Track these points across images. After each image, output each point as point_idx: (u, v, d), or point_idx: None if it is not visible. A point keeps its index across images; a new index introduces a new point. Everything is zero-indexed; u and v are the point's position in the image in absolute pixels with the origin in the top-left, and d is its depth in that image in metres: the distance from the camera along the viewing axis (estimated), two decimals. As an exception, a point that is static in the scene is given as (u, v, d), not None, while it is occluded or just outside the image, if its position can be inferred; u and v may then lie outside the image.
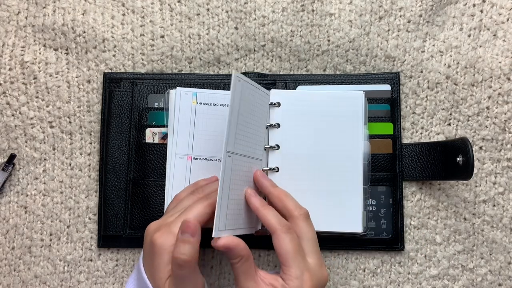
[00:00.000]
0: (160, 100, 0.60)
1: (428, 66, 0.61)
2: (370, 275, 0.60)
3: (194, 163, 0.57)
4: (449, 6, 0.62)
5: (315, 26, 0.62)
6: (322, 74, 0.62)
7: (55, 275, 0.60)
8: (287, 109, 0.57)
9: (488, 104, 0.61)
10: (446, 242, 0.60)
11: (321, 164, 0.57)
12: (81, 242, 0.60)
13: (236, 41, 0.62)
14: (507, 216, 0.60)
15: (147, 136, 0.59)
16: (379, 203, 0.58)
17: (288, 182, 0.56)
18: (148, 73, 0.62)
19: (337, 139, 0.57)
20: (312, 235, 0.49)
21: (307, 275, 0.46)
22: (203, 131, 0.58)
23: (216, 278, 0.60)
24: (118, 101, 0.60)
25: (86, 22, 0.62)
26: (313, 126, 0.57)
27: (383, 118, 0.59)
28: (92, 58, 0.62)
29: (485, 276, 0.60)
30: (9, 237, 0.61)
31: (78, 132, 0.62)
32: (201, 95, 0.58)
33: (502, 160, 0.61)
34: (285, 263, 0.46)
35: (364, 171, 0.56)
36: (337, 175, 0.56)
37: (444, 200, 0.60)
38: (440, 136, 0.61)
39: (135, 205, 0.58)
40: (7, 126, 0.62)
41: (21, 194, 0.61)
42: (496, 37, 0.62)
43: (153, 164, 0.58)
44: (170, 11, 0.63)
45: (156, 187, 0.58)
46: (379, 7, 0.62)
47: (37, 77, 0.62)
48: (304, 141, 0.57)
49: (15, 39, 0.62)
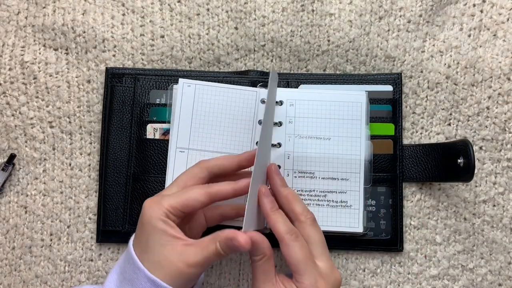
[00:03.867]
0: (162, 96, 0.60)
1: (428, 66, 0.61)
2: (370, 275, 0.60)
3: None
4: (449, 6, 0.62)
5: (315, 26, 0.62)
6: (324, 73, 0.62)
7: (55, 275, 0.60)
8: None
9: (488, 104, 0.61)
10: (446, 242, 0.60)
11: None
12: (82, 242, 0.60)
13: (236, 41, 0.62)
14: (507, 216, 0.60)
15: (148, 131, 0.59)
16: (379, 203, 0.58)
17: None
18: (150, 69, 0.62)
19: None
20: (320, 238, 0.49)
21: (321, 282, 0.46)
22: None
23: (216, 278, 0.60)
24: (119, 97, 0.60)
25: (86, 22, 0.62)
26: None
27: (384, 118, 0.59)
28: (92, 58, 0.62)
29: (485, 276, 0.60)
30: (10, 237, 0.61)
31: (78, 132, 0.62)
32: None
33: (502, 160, 0.61)
34: (297, 272, 0.46)
35: (365, 171, 0.57)
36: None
37: (444, 200, 0.60)
38: (440, 136, 0.61)
39: (134, 200, 0.58)
40: (7, 126, 0.61)
41: (21, 194, 0.61)
42: (496, 37, 0.62)
43: (154, 160, 0.58)
44: (170, 11, 0.63)
45: (156, 183, 0.58)
46: (379, 7, 0.62)
47: (37, 77, 0.62)
48: (305, 140, 0.57)
49: (15, 39, 0.62)
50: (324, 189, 0.57)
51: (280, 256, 0.60)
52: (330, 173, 0.57)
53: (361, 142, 0.57)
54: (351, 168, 0.57)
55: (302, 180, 0.57)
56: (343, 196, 0.56)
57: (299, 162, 0.57)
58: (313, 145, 0.57)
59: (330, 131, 0.57)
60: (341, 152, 0.57)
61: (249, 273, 0.60)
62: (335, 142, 0.57)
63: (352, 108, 0.57)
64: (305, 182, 0.57)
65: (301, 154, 0.57)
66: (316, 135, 0.57)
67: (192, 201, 0.46)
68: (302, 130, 0.57)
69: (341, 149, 0.57)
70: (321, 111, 0.58)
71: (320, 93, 0.58)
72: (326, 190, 0.57)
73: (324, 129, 0.57)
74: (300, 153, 0.57)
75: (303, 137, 0.57)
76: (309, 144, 0.57)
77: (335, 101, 0.58)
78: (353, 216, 0.56)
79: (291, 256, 0.46)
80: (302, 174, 0.57)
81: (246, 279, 0.60)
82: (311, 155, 0.57)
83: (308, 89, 0.59)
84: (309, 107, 0.58)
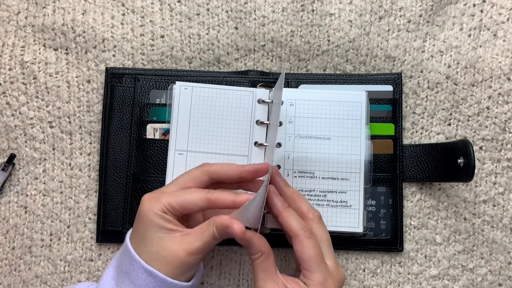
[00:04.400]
0: (162, 96, 0.60)
1: (428, 66, 0.61)
2: (370, 275, 0.60)
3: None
4: (449, 6, 0.62)
5: (315, 26, 0.62)
6: (324, 73, 0.62)
7: (55, 275, 0.60)
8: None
9: (488, 104, 0.61)
10: (446, 242, 0.60)
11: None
12: (81, 242, 0.60)
13: (236, 41, 0.62)
14: (507, 216, 0.60)
15: (148, 131, 0.59)
16: (379, 203, 0.58)
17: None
18: (150, 68, 0.62)
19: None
20: (326, 236, 0.49)
21: (330, 281, 0.46)
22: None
23: (216, 278, 0.60)
24: (119, 96, 0.60)
25: (86, 22, 0.62)
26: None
27: (384, 118, 0.59)
28: (92, 58, 0.62)
29: (485, 276, 0.60)
30: (9, 237, 0.61)
31: (78, 132, 0.62)
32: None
33: (502, 160, 0.61)
34: (307, 268, 0.46)
35: (365, 171, 0.57)
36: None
37: (444, 200, 0.60)
38: (440, 136, 0.61)
39: (134, 200, 0.58)
40: (7, 126, 0.61)
41: (21, 194, 0.61)
42: (496, 37, 0.62)
43: (154, 160, 0.58)
44: (170, 11, 0.63)
45: (156, 183, 0.58)
46: (379, 7, 0.62)
47: (37, 77, 0.62)
48: (305, 140, 0.57)
49: (15, 39, 0.62)
50: (324, 189, 0.57)
51: (280, 257, 0.60)
52: (330, 173, 0.57)
53: (361, 142, 0.57)
54: (351, 168, 0.57)
55: (302, 180, 0.57)
56: (343, 196, 0.56)
57: (299, 162, 0.57)
58: (313, 145, 0.57)
59: (330, 131, 0.57)
60: (341, 152, 0.57)
61: (249, 273, 0.60)
62: (335, 142, 0.57)
63: (352, 108, 0.57)
64: (305, 182, 0.57)
65: (301, 154, 0.57)
66: (316, 135, 0.57)
67: (190, 204, 0.46)
68: (302, 130, 0.57)
69: (341, 149, 0.57)
70: (321, 111, 0.58)
71: (320, 93, 0.58)
72: (326, 190, 0.57)
73: (324, 129, 0.57)
74: (300, 153, 0.57)
75: (303, 137, 0.57)
76: (309, 144, 0.57)
77: (335, 101, 0.58)
78: (353, 216, 0.56)
79: (304, 253, 0.46)
80: (302, 174, 0.57)
81: (246, 279, 0.60)
82: (311, 155, 0.57)
83: (308, 89, 0.59)
84: (309, 107, 0.58)
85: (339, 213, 0.56)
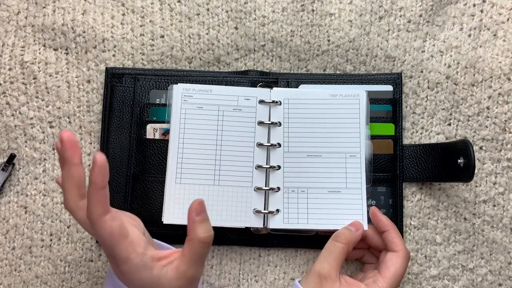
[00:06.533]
0: (162, 96, 0.60)
1: (428, 66, 0.61)
2: (370, 275, 0.60)
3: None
4: (449, 6, 0.62)
5: (315, 26, 0.62)
6: (324, 73, 0.62)
7: (55, 275, 0.60)
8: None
9: (488, 104, 0.61)
10: (446, 242, 0.60)
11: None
12: (82, 242, 0.60)
13: (236, 41, 0.62)
14: (507, 216, 0.60)
15: (148, 132, 0.59)
16: (379, 203, 0.58)
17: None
18: (150, 69, 0.62)
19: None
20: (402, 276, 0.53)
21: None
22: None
23: (216, 278, 0.60)
24: (119, 96, 0.60)
25: (86, 22, 0.62)
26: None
27: (384, 118, 0.59)
28: (92, 58, 0.62)
29: (485, 276, 0.60)
30: (10, 237, 0.61)
31: (78, 132, 0.62)
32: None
33: (502, 160, 0.61)
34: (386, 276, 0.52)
35: (366, 170, 0.57)
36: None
37: (444, 200, 0.60)
38: (440, 136, 0.61)
39: (134, 200, 0.58)
40: (7, 126, 0.61)
41: (21, 194, 0.61)
42: (496, 37, 0.62)
43: (154, 160, 0.58)
44: (170, 11, 0.63)
45: (156, 183, 0.58)
46: (379, 7, 0.62)
47: (37, 77, 0.62)
48: (305, 140, 0.57)
49: (15, 39, 0.62)
50: (325, 188, 0.57)
51: (280, 257, 0.60)
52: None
53: (361, 142, 0.57)
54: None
55: (302, 179, 0.57)
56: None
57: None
58: (313, 144, 0.57)
59: (330, 130, 0.57)
60: (342, 152, 0.57)
61: (249, 273, 0.60)
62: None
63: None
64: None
65: (301, 153, 0.57)
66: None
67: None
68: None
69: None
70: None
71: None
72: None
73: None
74: (299, 153, 0.57)
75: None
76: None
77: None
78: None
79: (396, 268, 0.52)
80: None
81: (246, 279, 0.60)
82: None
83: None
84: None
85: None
